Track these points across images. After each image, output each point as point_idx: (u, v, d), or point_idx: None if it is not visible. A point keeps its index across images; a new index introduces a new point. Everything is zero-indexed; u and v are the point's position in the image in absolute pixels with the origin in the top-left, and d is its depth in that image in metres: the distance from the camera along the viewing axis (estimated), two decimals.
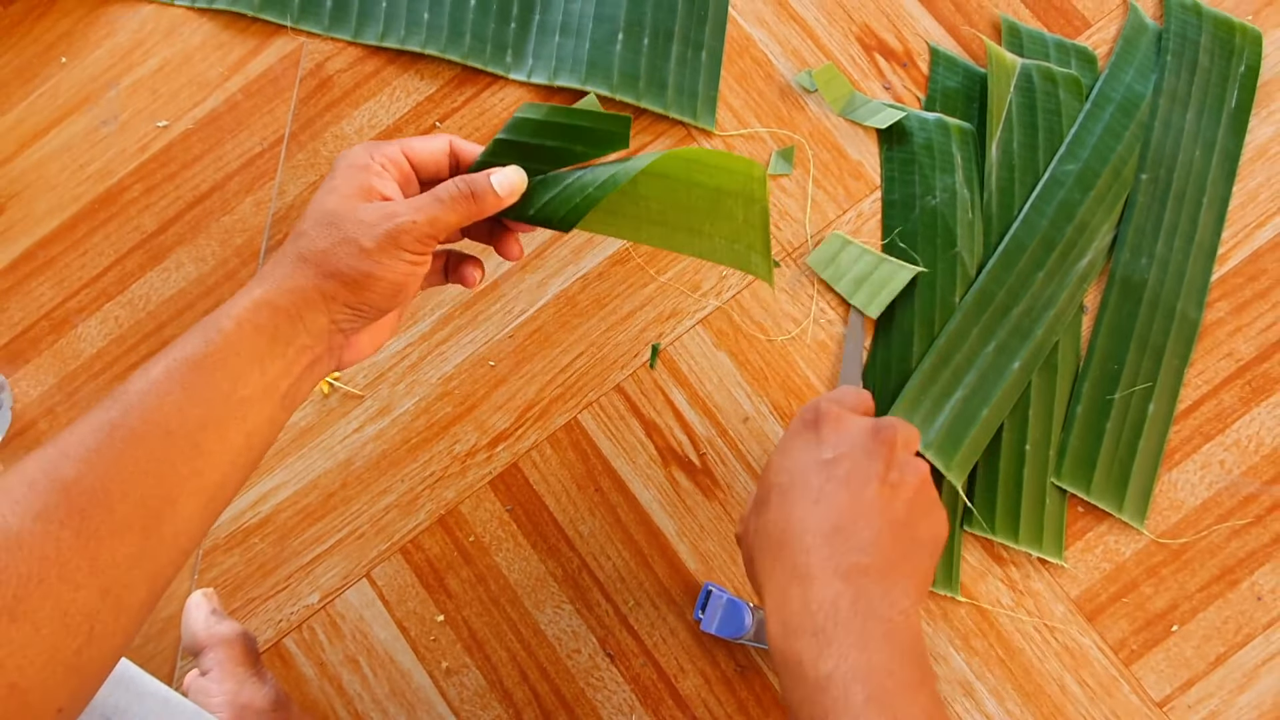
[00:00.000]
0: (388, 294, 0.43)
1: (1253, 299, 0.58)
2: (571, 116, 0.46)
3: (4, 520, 0.33)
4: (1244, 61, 0.60)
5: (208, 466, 0.39)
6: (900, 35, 0.63)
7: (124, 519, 0.35)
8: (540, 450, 0.60)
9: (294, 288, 0.42)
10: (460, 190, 0.44)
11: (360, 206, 0.43)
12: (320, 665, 0.59)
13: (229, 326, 0.40)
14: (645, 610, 0.58)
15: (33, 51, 0.69)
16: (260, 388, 0.41)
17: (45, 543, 0.33)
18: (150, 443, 0.37)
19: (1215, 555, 0.55)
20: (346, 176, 0.44)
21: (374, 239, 0.42)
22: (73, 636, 0.33)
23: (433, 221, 0.43)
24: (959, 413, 0.56)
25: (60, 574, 0.33)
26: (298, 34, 0.67)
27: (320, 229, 0.43)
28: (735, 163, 0.47)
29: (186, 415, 0.38)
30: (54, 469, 0.35)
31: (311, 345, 0.43)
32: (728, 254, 0.48)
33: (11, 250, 0.66)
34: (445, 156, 0.47)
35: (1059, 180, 0.59)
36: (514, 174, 0.45)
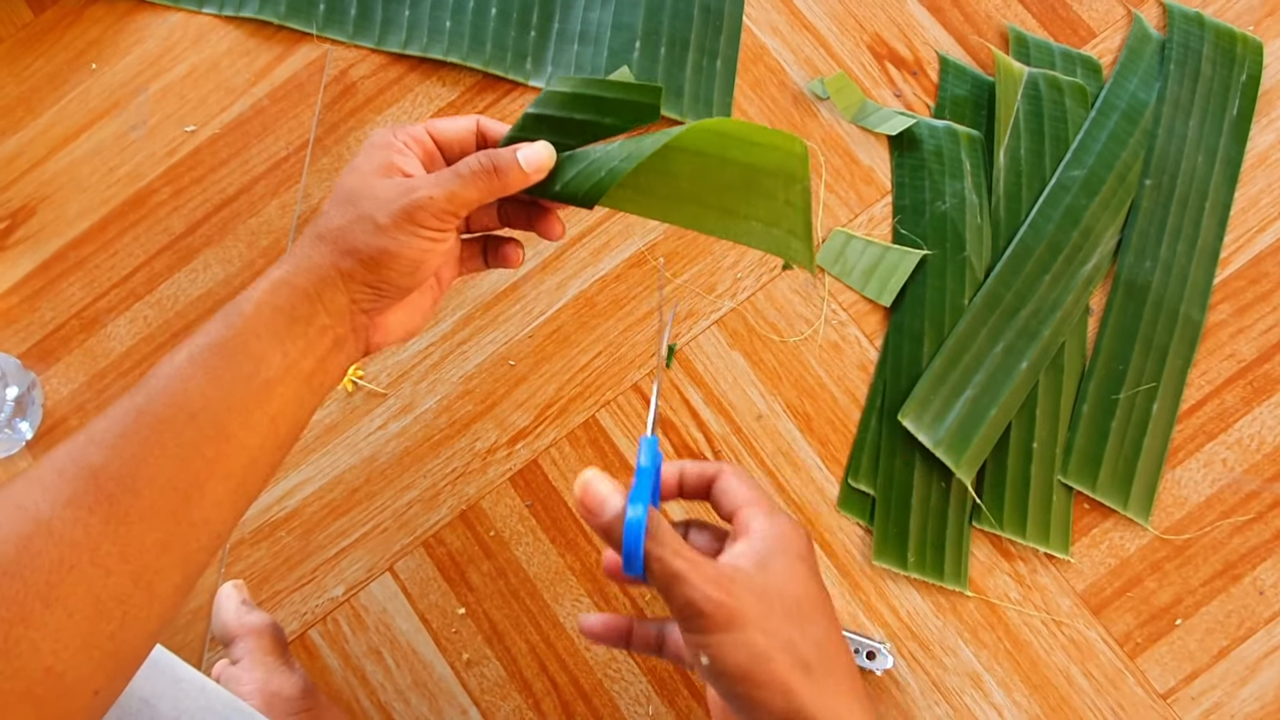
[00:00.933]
0: (405, 271, 0.42)
1: (1254, 301, 0.60)
2: (601, 88, 0.43)
3: (35, 507, 0.34)
4: (1245, 71, 0.62)
5: (234, 450, 0.39)
6: (910, 44, 0.65)
7: (151, 504, 0.36)
8: (559, 447, 0.62)
9: (311, 266, 0.42)
10: (482, 165, 0.42)
11: (379, 183, 0.42)
12: (344, 656, 0.61)
13: (249, 309, 0.40)
14: (661, 603, 0.59)
15: (64, 58, 0.71)
16: (282, 369, 0.40)
17: (75, 529, 0.34)
18: (175, 427, 0.37)
19: (1218, 551, 0.57)
20: (369, 155, 0.43)
21: (389, 215, 0.41)
22: (106, 621, 0.34)
23: (451, 197, 0.41)
24: (968, 412, 0.58)
25: (91, 559, 0.34)
26: (322, 41, 0.69)
27: (338, 207, 0.42)
28: (774, 137, 0.43)
29: (210, 399, 0.38)
30: (82, 455, 0.35)
31: (332, 325, 0.42)
32: (764, 238, 0.44)
33: (43, 251, 0.68)
34: (472, 135, 0.46)
35: (1065, 186, 0.61)
36: (542, 149, 0.43)
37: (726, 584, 0.37)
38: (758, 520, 0.40)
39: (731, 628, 0.37)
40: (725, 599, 0.37)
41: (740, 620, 0.37)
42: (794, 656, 0.37)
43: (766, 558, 0.39)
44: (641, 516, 0.38)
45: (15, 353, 0.67)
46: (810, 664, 0.37)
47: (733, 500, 0.42)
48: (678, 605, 0.37)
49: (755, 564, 0.39)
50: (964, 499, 0.58)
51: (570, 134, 0.44)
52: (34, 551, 0.33)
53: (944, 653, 0.57)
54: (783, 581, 0.39)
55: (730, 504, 0.42)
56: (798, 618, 0.38)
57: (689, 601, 0.37)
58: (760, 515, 0.41)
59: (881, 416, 0.60)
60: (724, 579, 0.37)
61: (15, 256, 0.68)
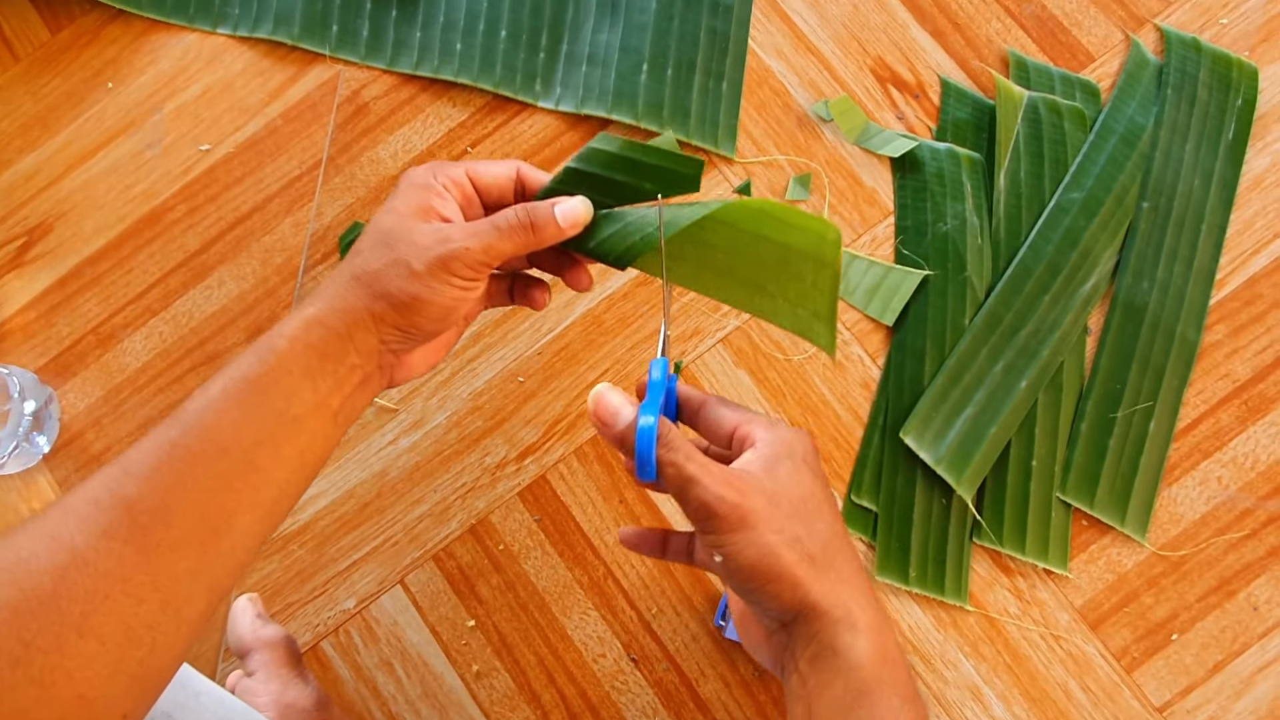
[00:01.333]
0: (435, 317, 0.43)
1: (1249, 322, 0.61)
2: (645, 153, 0.45)
3: (71, 538, 0.35)
4: (1241, 95, 0.63)
5: (263, 482, 0.40)
6: (913, 68, 0.66)
7: (183, 534, 0.37)
8: (567, 463, 0.63)
9: (345, 307, 0.42)
10: (520, 219, 0.43)
11: (416, 227, 0.43)
12: (356, 668, 0.62)
13: (282, 345, 0.41)
14: (668, 617, 0.61)
15: (80, 77, 0.72)
16: (312, 405, 0.41)
17: (109, 559, 0.35)
18: (208, 460, 0.38)
19: (1213, 567, 0.58)
20: (407, 196, 0.44)
21: (425, 262, 0.42)
22: (136, 648, 0.35)
23: (487, 249, 0.43)
24: (969, 430, 0.59)
25: (124, 589, 0.35)
26: (335, 62, 0.70)
27: (375, 248, 0.43)
28: (809, 221, 0.44)
29: (242, 433, 0.39)
30: (118, 487, 0.37)
31: (361, 364, 0.43)
32: (790, 317, 0.46)
33: (60, 267, 0.69)
34: (511, 181, 0.46)
35: (1064, 208, 0.62)
36: (580, 205, 0.44)
37: (737, 485, 0.40)
38: (759, 430, 0.43)
39: (743, 527, 0.39)
40: (738, 500, 0.39)
41: (751, 519, 0.39)
42: (800, 551, 0.40)
43: (773, 462, 0.41)
44: (653, 425, 0.40)
45: (32, 367, 0.68)
46: (815, 557, 0.40)
47: (726, 421, 0.44)
48: (693, 507, 0.40)
49: (763, 468, 0.41)
50: (964, 515, 0.59)
51: (608, 193, 0.45)
52: (69, 582, 0.34)
53: (945, 666, 0.58)
54: (789, 483, 0.41)
55: (725, 425, 0.44)
56: (804, 516, 0.41)
57: (703, 503, 0.39)
58: (760, 427, 0.43)
59: (884, 434, 0.61)
60: (735, 481, 0.40)
61: (33, 272, 0.69)
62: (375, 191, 0.68)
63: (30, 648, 0.32)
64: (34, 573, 0.34)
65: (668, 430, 0.41)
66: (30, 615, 0.33)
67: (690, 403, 0.46)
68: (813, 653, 0.40)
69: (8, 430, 0.63)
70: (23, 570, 0.34)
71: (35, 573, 0.34)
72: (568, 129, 0.68)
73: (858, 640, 0.40)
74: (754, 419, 0.44)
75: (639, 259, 0.44)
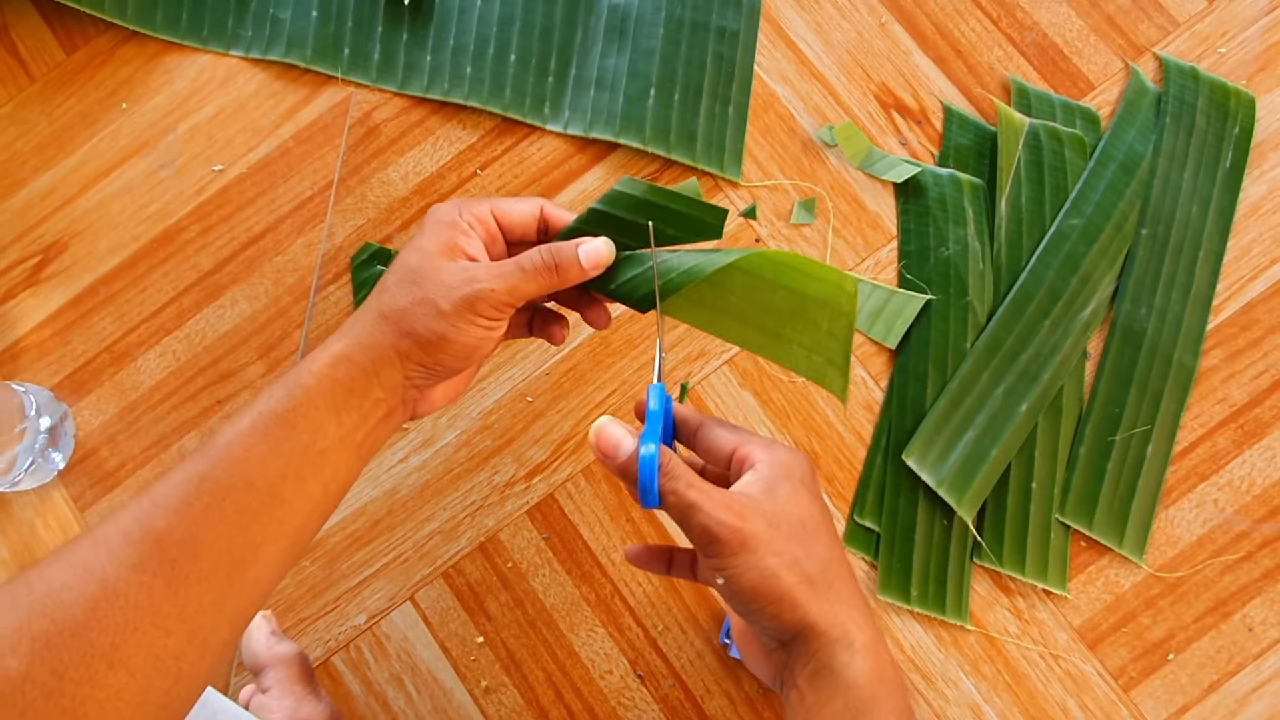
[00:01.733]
0: (460, 355, 0.44)
1: (1245, 348, 0.62)
2: (669, 199, 0.46)
3: (103, 571, 0.36)
4: (1238, 124, 0.64)
5: (288, 515, 0.41)
6: (916, 94, 0.67)
7: (210, 567, 0.38)
8: (575, 482, 0.64)
9: (371, 344, 0.43)
10: (544, 261, 0.44)
11: (443, 266, 0.44)
12: (366, 683, 0.63)
13: (310, 382, 0.42)
14: (674, 634, 0.62)
15: (95, 97, 0.73)
16: (337, 439, 0.43)
17: (139, 592, 0.36)
18: (235, 494, 0.39)
19: (1209, 588, 0.59)
20: (433, 234, 0.45)
21: (451, 302, 0.43)
22: (163, 678, 0.36)
23: (512, 290, 0.44)
24: (970, 452, 0.60)
25: (153, 621, 0.36)
26: (347, 84, 0.71)
27: (401, 286, 0.44)
28: (827, 272, 0.46)
29: (269, 467, 0.40)
30: (147, 520, 0.38)
31: (385, 399, 0.44)
32: (805, 363, 0.47)
33: (75, 286, 0.70)
34: (534, 220, 0.47)
35: (1064, 234, 0.63)
36: (603, 246, 0.46)
37: (737, 510, 0.41)
38: (758, 452, 0.44)
39: (744, 550, 0.40)
40: (738, 524, 0.40)
41: (751, 543, 0.40)
42: (799, 573, 0.41)
43: (772, 484, 0.42)
44: (653, 454, 0.41)
45: (48, 385, 0.69)
46: (814, 578, 0.41)
47: (725, 443, 0.45)
48: (695, 532, 0.41)
49: (762, 491, 0.42)
50: (965, 536, 0.60)
51: (631, 236, 0.46)
52: (100, 614, 0.35)
53: (945, 685, 0.59)
54: (788, 505, 0.42)
55: (724, 447, 0.45)
56: (803, 537, 0.42)
57: (704, 528, 0.41)
58: (758, 448, 0.44)
59: (886, 455, 0.62)
60: (735, 506, 0.41)
61: (48, 290, 0.70)
62: (386, 213, 0.69)
63: (62, 679, 0.33)
64: (66, 604, 0.35)
65: (668, 459, 0.42)
66: (62, 647, 0.34)
67: (688, 424, 0.47)
68: (811, 671, 0.42)
69: (23, 447, 0.64)
70: (54, 602, 0.35)
71: (67, 604, 0.35)
72: (576, 152, 0.69)
73: (855, 659, 0.41)
74: (752, 440, 0.45)
75: (662, 302, 0.46)
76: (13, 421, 0.64)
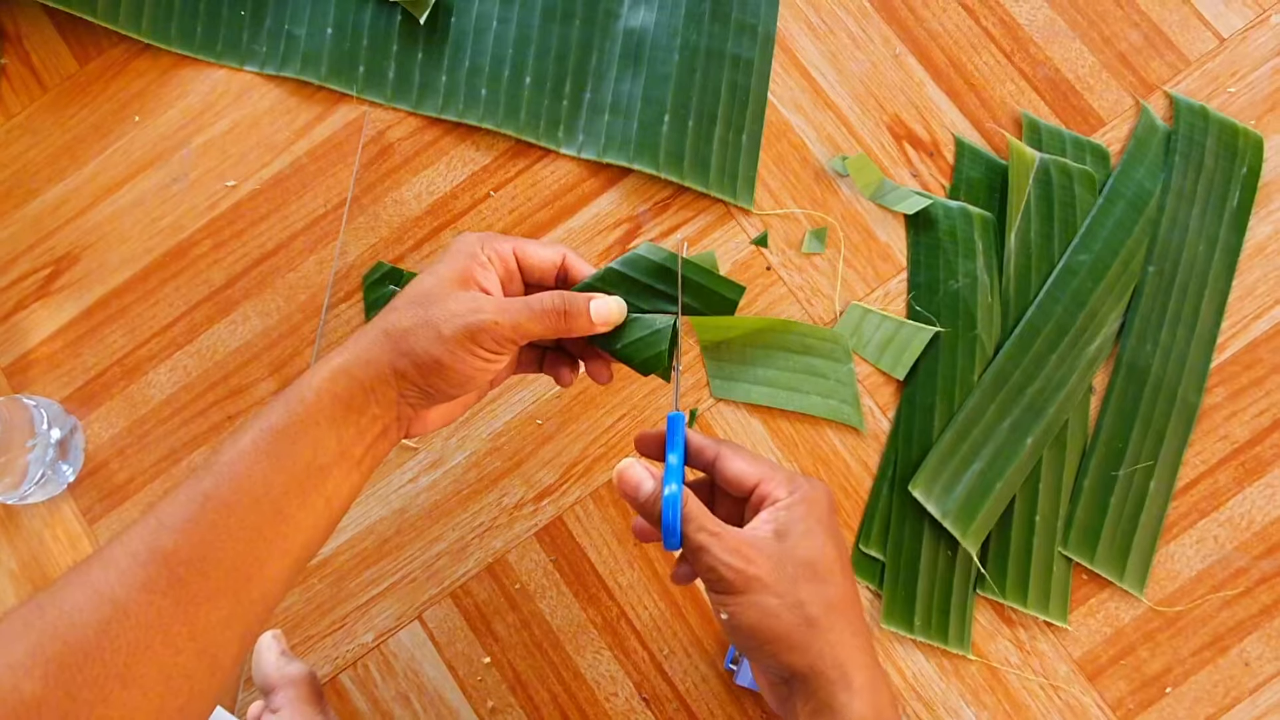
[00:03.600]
0: (455, 383, 0.45)
1: (1248, 386, 0.63)
2: (689, 269, 0.48)
3: (112, 592, 0.36)
4: (1246, 164, 0.65)
5: (292, 530, 0.42)
6: (928, 126, 0.68)
7: (218, 585, 0.38)
8: (583, 505, 0.65)
9: (371, 360, 0.44)
10: (555, 305, 0.45)
11: (453, 293, 0.44)
12: (373, 701, 0.64)
13: (310, 397, 0.43)
14: (679, 658, 0.63)
15: (108, 109, 0.73)
16: (336, 454, 0.43)
17: (149, 612, 0.36)
18: (240, 512, 0.40)
19: (1207, 623, 0.60)
20: (451, 262, 0.46)
21: (453, 328, 0.43)
22: (175, 696, 0.36)
23: (515, 327, 0.44)
24: (975, 485, 0.61)
25: (164, 640, 0.36)
26: (361, 103, 0.71)
27: (409, 307, 0.44)
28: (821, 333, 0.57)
29: (271, 483, 0.41)
30: (155, 540, 0.38)
31: (381, 415, 0.44)
32: (823, 408, 0.61)
33: (86, 298, 0.70)
34: (555, 267, 0.48)
35: (1072, 269, 0.64)
36: (615, 305, 0.47)
37: (745, 552, 0.42)
38: (779, 491, 0.45)
39: (747, 590, 0.42)
40: (742, 566, 0.42)
41: (755, 584, 0.42)
42: (800, 615, 0.42)
43: (786, 526, 0.43)
44: (676, 494, 0.43)
45: (58, 397, 0.69)
46: (816, 620, 0.42)
47: (747, 477, 0.46)
48: (701, 570, 0.43)
49: (774, 532, 0.43)
50: (969, 567, 0.61)
51: (644, 298, 0.48)
52: (112, 635, 0.35)
53: (947, 714, 0.60)
54: (799, 546, 0.43)
55: (746, 480, 0.46)
56: (810, 579, 0.43)
57: (710, 568, 0.42)
58: (780, 487, 0.45)
59: (893, 486, 0.63)
60: (743, 548, 0.42)
61: (59, 302, 0.71)
62: (398, 232, 0.69)
63: (77, 700, 0.34)
64: (78, 626, 0.35)
65: (683, 500, 0.43)
66: (76, 668, 0.34)
67: (704, 453, 0.47)
68: (811, 709, 0.43)
69: (34, 458, 0.65)
70: (66, 624, 0.35)
71: (79, 626, 0.35)
72: (589, 176, 0.69)
73: (853, 700, 0.42)
74: (775, 476, 0.46)
75: (659, 370, 0.47)
76: (23, 436, 0.64)
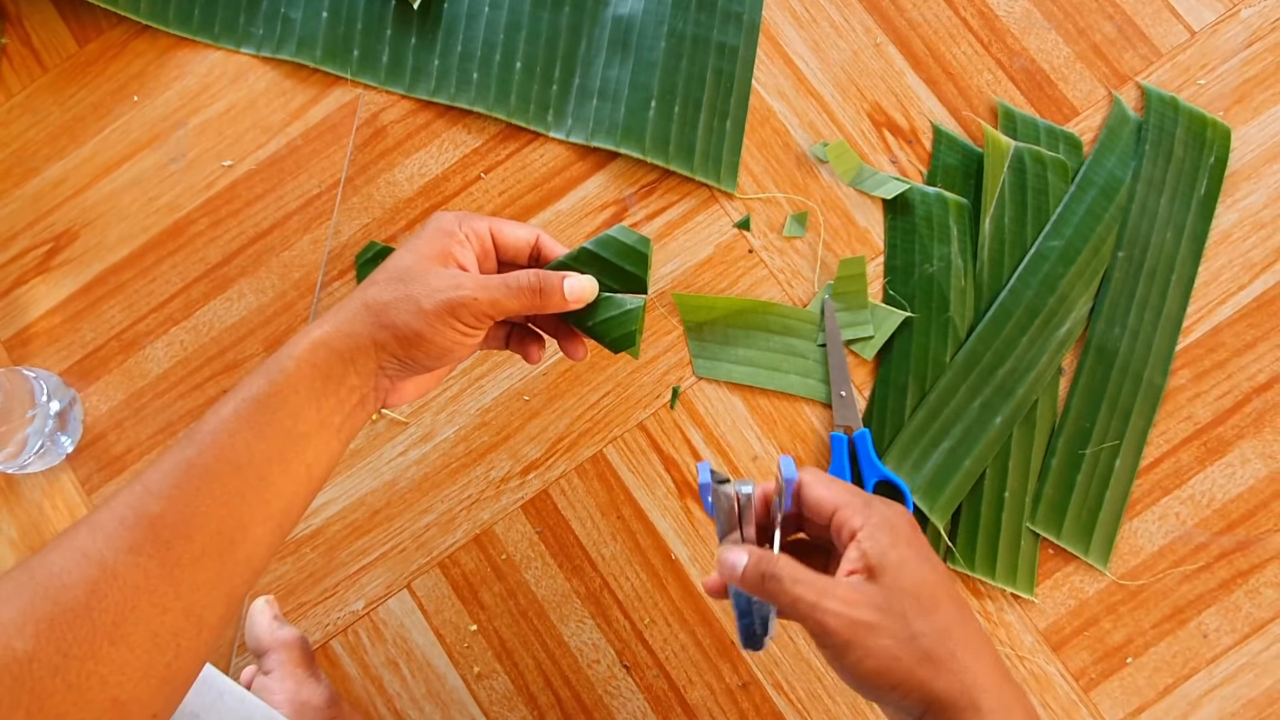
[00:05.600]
0: (433, 355, 0.46)
1: (1211, 369, 0.65)
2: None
3: (100, 555, 0.38)
4: (1214, 153, 0.67)
5: (274, 495, 0.43)
6: (907, 114, 0.70)
7: (202, 547, 0.40)
8: (568, 479, 0.67)
9: (350, 332, 0.45)
10: (530, 283, 0.47)
11: (432, 269, 0.46)
12: (363, 666, 0.66)
13: (290, 366, 0.44)
14: (659, 627, 0.65)
15: (107, 89, 0.75)
16: (316, 422, 0.44)
17: (136, 573, 0.38)
18: (223, 478, 0.41)
19: (1168, 597, 0.62)
20: (431, 239, 0.47)
21: (434, 303, 0.45)
22: (162, 653, 0.38)
23: (494, 303, 0.46)
24: (945, 461, 0.63)
25: (150, 600, 0.38)
26: (356, 86, 0.73)
27: (389, 282, 0.46)
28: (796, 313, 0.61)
29: (254, 451, 0.42)
30: (141, 505, 0.39)
31: (359, 386, 0.46)
32: (801, 387, 0.65)
33: (84, 274, 0.72)
34: (529, 246, 0.50)
35: (1044, 255, 0.66)
36: (588, 283, 0.48)
37: (847, 598, 0.41)
38: (856, 519, 0.44)
39: (859, 638, 0.41)
40: (848, 612, 0.41)
41: (865, 630, 0.41)
42: (917, 651, 0.41)
43: (878, 560, 0.42)
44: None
45: (57, 370, 0.71)
46: (933, 652, 0.41)
47: (824, 505, 0.45)
48: (809, 626, 0.42)
49: (867, 570, 0.42)
50: (938, 541, 0.63)
51: (615, 279, 0.49)
52: (101, 595, 0.37)
53: None
54: (899, 578, 0.42)
55: (824, 508, 0.45)
56: (918, 610, 0.41)
57: (816, 621, 0.41)
58: (857, 514, 0.44)
59: None
60: (844, 594, 0.41)
61: (58, 278, 0.72)
62: (391, 212, 0.71)
63: (68, 656, 0.35)
64: (68, 587, 0.37)
65: (772, 561, 0.43)
66: (66, 627, 0.36)
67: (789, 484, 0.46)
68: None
69: (34, 430, 0.66)
70: (56, 585, 0.37)
71: (69, 587, 0.37)
72: (577, 160, 0.71)
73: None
74: (850, 503, 0.45)
75: (630, 348, 0.49)
76: (23, 407, 0.66)
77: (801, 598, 0.41)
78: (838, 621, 0.41)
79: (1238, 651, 0.62)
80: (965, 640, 0.42)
